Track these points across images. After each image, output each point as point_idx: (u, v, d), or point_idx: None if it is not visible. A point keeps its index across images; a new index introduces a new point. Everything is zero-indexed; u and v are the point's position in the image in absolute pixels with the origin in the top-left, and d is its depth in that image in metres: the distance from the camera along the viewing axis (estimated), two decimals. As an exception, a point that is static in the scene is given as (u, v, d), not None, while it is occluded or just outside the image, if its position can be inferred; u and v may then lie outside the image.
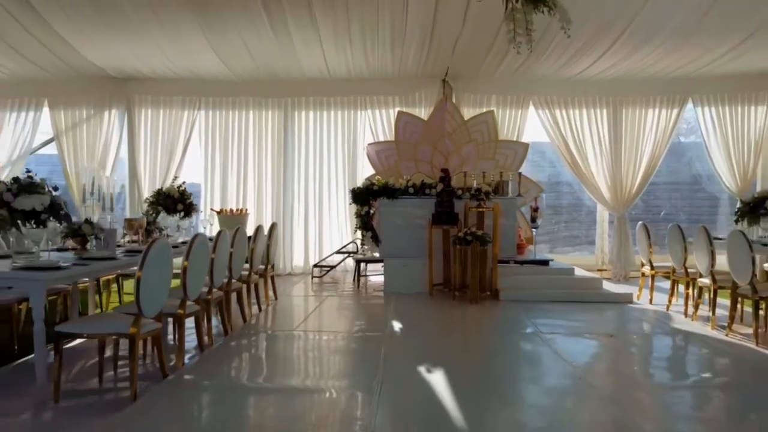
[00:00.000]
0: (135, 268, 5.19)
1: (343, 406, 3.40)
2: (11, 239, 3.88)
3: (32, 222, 3.64)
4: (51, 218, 3.70)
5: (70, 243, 4.48)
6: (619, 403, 3.51)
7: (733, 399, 3.70)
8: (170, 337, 4.66)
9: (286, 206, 9.19)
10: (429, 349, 4.75)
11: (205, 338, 4.52)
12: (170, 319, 4.24)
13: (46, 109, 9.23)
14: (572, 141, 8.99)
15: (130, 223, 5.04)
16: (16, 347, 4.37)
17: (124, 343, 4.17)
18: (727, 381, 4.07)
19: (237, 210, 8.44)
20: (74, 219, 4.32)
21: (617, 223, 9.02)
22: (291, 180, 9.22)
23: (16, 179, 3.74)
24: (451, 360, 4.35)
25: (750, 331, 4.98)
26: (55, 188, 3.93)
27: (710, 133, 9.01)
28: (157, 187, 8.80)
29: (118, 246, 4.88)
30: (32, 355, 4.23)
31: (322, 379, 4.01)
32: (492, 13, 6.02)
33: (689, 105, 9.01)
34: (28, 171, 3.85)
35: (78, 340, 4.53)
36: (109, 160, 9.20)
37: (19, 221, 3.53)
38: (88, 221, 4.35)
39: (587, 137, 9.02)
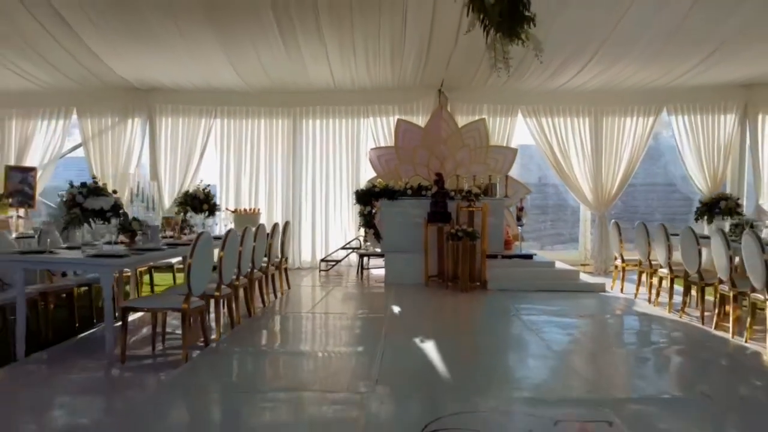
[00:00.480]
0: (168, 260, 6.06)
1: (352, 365, 4.25)
2: (77, 233, 4.71)
3: (98, 219, 4.45)
4: (113, 216, 4.52)
5: (121, 237, 5.29)
6: (576, 364, 4.35)
7: (677, 362, 4.54)
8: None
9: (295, 206, 10.03)
10: (424, 327, 5.57)
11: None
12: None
13: (74, 117, 10.08)
14: (557, 146, 9.81)
15: (168, 221, 5.89)
16: (77, 324, 5.21)
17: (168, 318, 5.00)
18: (672, 349, 4.88)
19: (250, 209, 9.27)
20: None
21: (598, 222, 9.85)
22: (299, 182, 10.05)
23: (83, 184, 4.57)
24: (442, 335, 5.19)
25: (698, 313, 5.81)
26: (114, 191, 4.76)
27: (683, 139, 9.83)
28: (176, 189, 9.70)
29: (157, 240, 5.70)
30: (92, 330, 5.11)
31: (333, 347, 4.86)
32: (481, 35, 6.83)
33: (664, 113, 9.84)
34: (93, 178, 4.68)
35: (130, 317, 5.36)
36: (132, 164, 10.03)
37: (90, 219, 4.35)
38: (136, 219, 5.18)
39: (571, 143, 9.84)
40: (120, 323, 4.19)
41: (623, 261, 7.52)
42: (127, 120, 10.05)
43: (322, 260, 9.60)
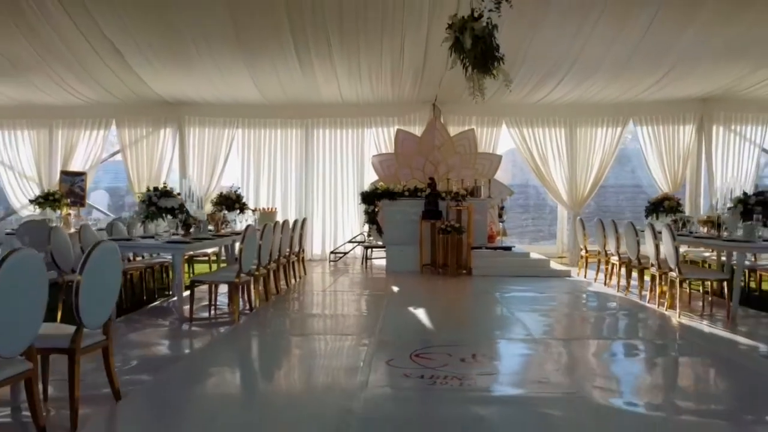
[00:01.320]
0: (206, 249, 7.46)
1: (360, 322, 5.69)
2: (150, 226, 6.12)
3: (168, 216, 5.87)
4: (179, 213, 5.93)
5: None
6: (527, 321, 5.77)
7: (614, 321, 5.97)
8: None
9: (307, 205, 11.45)
10: (418, 301, 6.95)
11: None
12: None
13: (113, 128, 11.50)
14: (536, 153, 11.20)
15: (212, 217, 7.30)
16: (144, 297, 6.64)
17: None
18: (601, 313, 6.31)
19: (268, 208, 10.69)
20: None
21: (573, 220, 11.24)
22: (311, 184, 11.48)
23: (155, 188, 5.98)
24: (432, 306, 6.61)
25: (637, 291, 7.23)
26: (178, 194, 6.16)
27: (648, 146, 11.23)
28: (203, 191, 11.11)
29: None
30: (155, 303, 6.53)
31: (347, 311, 6.32)
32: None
33: (630, 124, 11.24)
34: (164, 183, 6.09)
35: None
36: (164, 169, 11.45)
37: (163, 215, 5.76)
38: (190, 215, 6.58)
39: (548, 150, 11.23)
40: (188, 292, 5.60)
41: (587, 252, 8.92)
42: (160, 130, 11.46)
43: (332, 252, 11.01)
